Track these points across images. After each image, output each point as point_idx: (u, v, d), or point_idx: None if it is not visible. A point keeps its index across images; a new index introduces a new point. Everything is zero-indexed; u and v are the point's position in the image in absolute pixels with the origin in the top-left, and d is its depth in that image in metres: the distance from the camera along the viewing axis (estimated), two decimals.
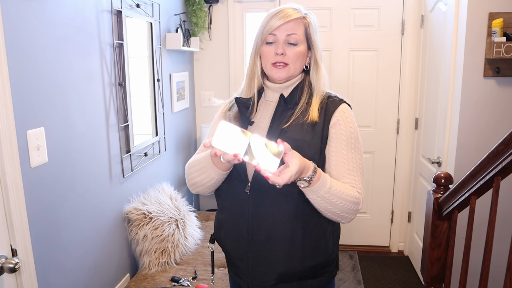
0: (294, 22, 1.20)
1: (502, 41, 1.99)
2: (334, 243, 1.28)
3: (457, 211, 1.55)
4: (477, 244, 2.05)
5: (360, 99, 3.18)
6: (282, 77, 1.22)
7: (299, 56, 1.21)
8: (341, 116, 1.20)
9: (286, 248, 1.20)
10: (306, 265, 1.22)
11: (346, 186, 1.15)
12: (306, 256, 1.21)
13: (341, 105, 1.22)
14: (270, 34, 1.20)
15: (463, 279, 1.50)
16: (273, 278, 1.23)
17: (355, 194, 1.15)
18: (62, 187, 1.64)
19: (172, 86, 2.81)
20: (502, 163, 1.22)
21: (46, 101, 1.53)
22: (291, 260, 1.21)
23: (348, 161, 1.18)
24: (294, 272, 1.22)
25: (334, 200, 1.10)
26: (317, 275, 1.26)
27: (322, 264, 1.25)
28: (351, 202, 1.13)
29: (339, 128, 1.19)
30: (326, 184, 1.08)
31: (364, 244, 3.43)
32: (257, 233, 1.21)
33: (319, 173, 1.07)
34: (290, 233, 1.19)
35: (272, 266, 1.22)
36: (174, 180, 2.93)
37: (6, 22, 1.31)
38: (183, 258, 2.32)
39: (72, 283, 1.74)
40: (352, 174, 1.18)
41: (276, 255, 1.21)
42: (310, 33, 1.22)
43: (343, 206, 1.12)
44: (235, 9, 3.19)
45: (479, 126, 2.19)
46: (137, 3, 2.19)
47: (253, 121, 1.25)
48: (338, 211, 1.13)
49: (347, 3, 3.06)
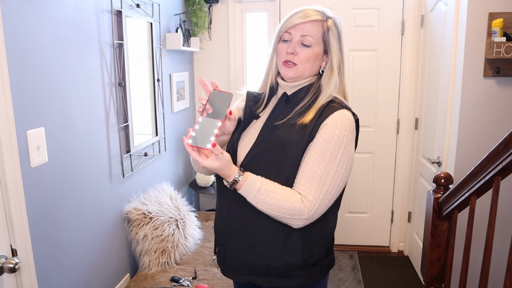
0: (312, 24, 1.19)
1: (502, 41, 1.99)
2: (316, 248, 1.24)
3: (457, 211, 1.55)
4: (477, 244, 2.05)
5: (360, 99, 3.18)
6: (290, 76, 1.23)
7: (310, 59, 1.21)
8: (331, 121, 1.16)
9: (259, 242, 1.22)
10: (275, 262, 1.22)
11: (283, 196, 1.13)
12: (276, 254, 1.21)
13: (338, 111, 1.18)
14: (286, 32, 1.22)
15: (463, 279, 1.50)
16: (245, 269, 1.27)
17: (294, 205, 1.12)
18: (62, 187, 1.64)
19: (172, 86, 2.82)
20: (502, 163, 1.22)
21: (46, 101, 1.53)
22: (262, 255, 1.23)
23: (314, 167, 1.14)
24: (264, 267, 1.23)
25: (263, 208, 1.13)
26: (288, 275, 1.24)
27: (294, 266, 1.22)
28: (285, 213, 1.13)
29: (322, 131, 1.16)
30: (252, 191, 1.12)
31: (364, 244, 3.43)
32: (235, 222, 1.25)
33: (245, 178, 1.12)
34: (264, 228, 1.21)
35: (245, 257, 1.25)
36: (174, 180, 2.93)
37: (6, 22, 1.31)
38: (183, 258, 2.32)
39: (72, 283, 1.74)
40: (312, 181, 1.13)
41: (249, 247, 1.24)
42: (329, 37, 1.21)
43: (275, 215, 1.14)
44: (235, 9, 3.19)
45: (479, 126, 2.19)
46: (137, 3, 2.19)
47: (259, 116, 1.29)
48: (275, 217, 1.15)
49: (347, 3, 3.06)
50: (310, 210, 1.13)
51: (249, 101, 1.31)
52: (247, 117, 1.29)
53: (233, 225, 1.26)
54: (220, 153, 1.07)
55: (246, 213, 1.22)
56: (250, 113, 1.29)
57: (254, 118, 1.29)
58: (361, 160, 3.25)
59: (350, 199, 3.35)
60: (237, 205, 1.23)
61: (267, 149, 1.19)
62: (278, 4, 3.13)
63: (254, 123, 1.29)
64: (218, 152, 1.05)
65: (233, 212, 1.25)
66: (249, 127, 1.29)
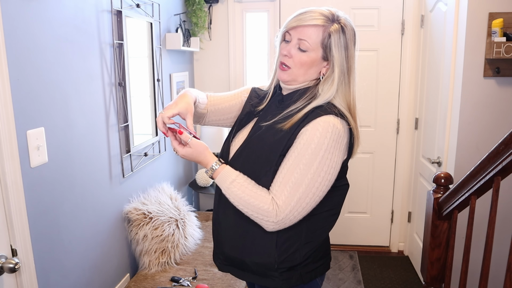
0: (311, 29, 1.13)
1: (502, 41, 1.99)
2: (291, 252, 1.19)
3: (457, 211, 1.55)
4: (477, 244, 2.05)
5: (360, 99, 3.15)
6: (284, 79, 1.21)
7: (304, 64, 1.16)
8: (311, 127, 1.11)
9: (232, 234, 1.25)
10: (245, 257, 1.23)
11: (255, 194, 1.12)
12: (246, 249, 1.23)
13: (321, 117, 1.12)
14: (287, 32, 1.19)
15: (463, 279, 1.50)
16: (223, 258, 1.31)
17: (263, 205, 1.11)
18: (62, 187, 1.64)
19: (172, 86, 2.81)
20: (502, 163, 1.22)
21: (46, 101, 1.53)
22: (234, 247, 1.25)
23: (288, 172, 1.11)
24: (237, 260, 1.26)
25: (233, 200, 1.16)
26: (262, 274, 1.23)
27: (265, 265, 1.20)
28: (252, 210, 1.13)
29: (301, 138, 1.12)
30: (226, 181, 1.16)
31: (364, 244, 3.43)
32: (220, 214, 1.29)
33: (221, 168, 1.17)
34: (238, 222, 1.22)
35: (222, 246, 1.29)
36: (174, 180, 2.93)
37: (6, 22, 1.31)
38: (183, 258, 2.32)
39: (72, 283, 1.74)
40: (284, 186, 1.11)
41: (224, 238, 1.28)
42: (330, 44, 1.13)
43: (243, 210, 1.15)
44: (235, 9, 3.19)
45: (479, 126, 2.19)
46: (137, 3, 2.19)
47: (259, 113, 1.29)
48: (244, 210, 1.15)
49: (347, 3, 3.06)
50: (278, 215, 1.11)
51: (251, 98, 1.32)
52: (246, 113, 1.30)
53: (219, 216, 1.30)
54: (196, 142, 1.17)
55: (225, 207, 1.25)
56: (250, 110, 1.30)
57: (254, 115, 1.29)
58: (361, 160, 3.25)
59: (350, 199, 3.35)
60: (221, 200, 1.27)
61: (249, 149, 1.21)
62: (278, 4, 3.13)
63: (252, 120, 1.30)
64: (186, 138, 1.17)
65: (220, 204, 1.29)
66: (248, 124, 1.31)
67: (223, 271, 1.36)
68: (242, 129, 1.30)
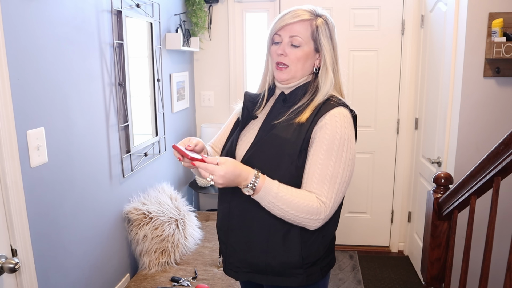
0: (300, 24, 1.20)
1: (502, 41, 1.99)
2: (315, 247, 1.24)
3: (457, 211, 1.56)
4: (477, 244, 2.05)
5: (360, 99, 3.18)
6: (283, 78, 1.24)
7: (300, 59, 1.21)
8: (330, 120, 1.17)
9: (257, 240, 1.23)
10: (274, 260, 1.22)
11: (300, 194, 1.13)
12: (274, 252, 1.22)
13: (334, 108, 1.18)
14: (276, 34, 1.23)
15: (463, 279, 1.50)
16: (244, 267, 1.28)
17: (312, 203, 1.13)
18: (62, 187, 1.64)
19: (172, 86, 2.82)
20: (502, 163, 1.22)
21: (46, 101, 1.53)
22: (261, 253, 1.23)
23: (323, 167, 1.15)
24: (263, 265, 1.24)
25: (284, 207, 1.12)
26: (287, 274, 1.24)
27: (292, 264, 1.22)
28: (303, 212, 1.12)
29: (324, 131, 1.16)
30: (272, 190, 1.11)
31: (364, 244, 3.43)
32: (235, 219, 1.26)
33: (262, 179, 1.11)
34: (262, 227, 1.22)
35: (244, 255, 1.26)
36: (174, 180, 2.93)
37: (6, 22, 1.31)
38: (183, 258, 2.32)
39: (72, 283, 1.74)
40: (323, 182, 1.14)
41: (247, 245, 1.25)
42: (319, 35, 1.21)
43: (294, 214, 1.13)
44: (235, 9, 3.19)
45: (479, 126, 2.19)
46: (137, 3, 2.19)
47: (257, 116, 1.30)
48: (292, 218, 1.14)
49: (347, 3, 3.06)
50: (325, 211, 1.14)
51: (246, 102, 1.33)
52: (245, 117, 1.31)
53: (233, 223, 1.27)
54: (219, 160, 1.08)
55: (246, 211, 1.23)
56: (248, 113, 1.31)
57: (252, 119, 1.31)
58: (361, 160, 3.25)
59: (350, 199, 3.35)
60: (237, 203, 1.25)
61: (264, 147, 1.20)
62: (278, 4, 3.13)
63: (252, 123, 1.31)
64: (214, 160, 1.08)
65: (234, 210, 1.26)
66: (247, 127, 1.31)
67: (241, 280, 1.33)
68: (243, 131, 1.31)
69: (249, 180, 1.10)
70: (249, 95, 1.35)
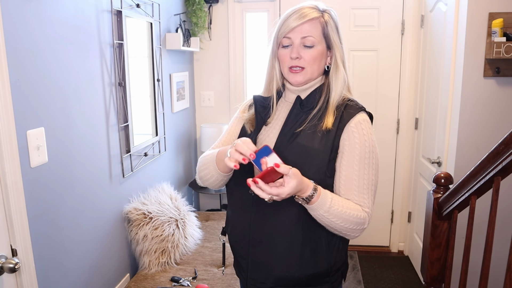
0: (310, 23, 1.15)
1: (502, 41, 1.99)
2: (339, 253, 1.24)
3: (457, 211, 1.55)
4: (477, 244, 2.05)
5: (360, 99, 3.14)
6: (299, 81, 1.19)
7: (316, 59, 1.17)
8: (356, 128, 1.15)
9: (285, 253, 1.19)
10: (303, 273, 1.20)
11: (350, 206, 1.12)
12: (304, 264, 1.19)
13: (358, 115, 1.17)
14: (284, 38, 1.17)
15: (463, 279, 1.50)
16: (270, 282, 1.22)
17: (360, 214, 1.12)
18: (62, 187, 1.64)
19: (172, 86, 2.81)
20: (502, 163, 1.22)
21: (46, 101, 1.53)
22: (289, 267, 1.19)
23: (359, 178, 1.14)
24: (291, 278, 1.21)
25: (334, 219, 1.09)
26: (315, 284, 1.23)
27: (321, 274, 1.21)
28: (353, 223, 1.11)
29: (353, 141, 1.14)
30: (326, 204, 1.07)
31: (364, 244, 3.43)
32: (258, 236, 1.21)
33: (319, 193, 1.06)
34: (289, 239, 1.18)
35: (270, 269, 1.21)
36: (174, 180, 2.93)
37: (6, 22, 1.31)
38: (183, 258, 2.32)
39: (72, 283, 1.74)
40: (362, 192, 1.15)
41: (274, 259, 1.20)
42: (328, 32, 1.17)
43: (344, 226, 1.11)
44: (235, 9, 3.19)
45: (479, 126, 2.19)
46: (137, 3, 2.19)
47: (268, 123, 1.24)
48: (338, 229, 1.12)
49: (347, 3, 3.06)
50: (369, 220, 1.15)
51: (257, 107, 1.25)
52: (259, 123, 1.24)
53: (255, 237, 1.21)
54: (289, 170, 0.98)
55: (268, 225, 1.19)
56: (261, 119, 1.24)
57: (264, 125, 1.24)
58: None
59: None
60: (259, 217, 1.19)
61: (288, 157, 1.13)
62: (278, 4, 3.13)
63: (265, 129, 1.24)
64: (284, 170, 0.97)
65: (255, 224, 1.20)
66: (260, 134, 1.24)
67: None
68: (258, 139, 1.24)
69: (307, 193, 1.05)
70: (259, 100, 1.27)
